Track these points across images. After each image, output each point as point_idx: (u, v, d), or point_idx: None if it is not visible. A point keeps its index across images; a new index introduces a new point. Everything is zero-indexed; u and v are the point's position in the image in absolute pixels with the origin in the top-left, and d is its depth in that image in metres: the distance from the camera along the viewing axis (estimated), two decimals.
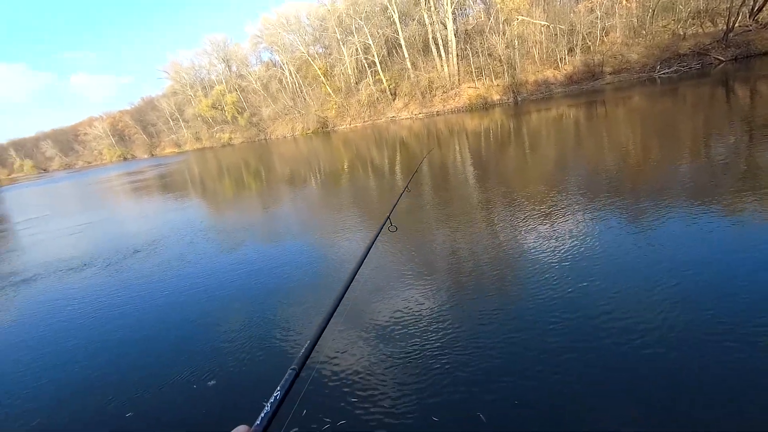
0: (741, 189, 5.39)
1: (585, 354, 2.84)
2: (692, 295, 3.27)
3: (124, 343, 4.38)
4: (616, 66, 29.18)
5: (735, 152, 7.33)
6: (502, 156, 12.09)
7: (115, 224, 11.94)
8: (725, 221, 4.55)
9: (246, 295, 5.00)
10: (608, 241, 4.54)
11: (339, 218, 7.99)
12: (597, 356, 2.81)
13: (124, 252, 7.98)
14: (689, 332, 2.86)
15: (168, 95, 71.28)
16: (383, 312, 3.90)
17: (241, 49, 60.69)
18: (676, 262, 3.83)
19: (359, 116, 42.25)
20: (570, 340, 3.01)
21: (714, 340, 2.76)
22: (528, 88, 31.51)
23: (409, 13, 38.74)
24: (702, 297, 3.23)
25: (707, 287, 3.35)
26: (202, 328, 4.38)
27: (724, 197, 5.26)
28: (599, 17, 30.25)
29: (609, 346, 2.87)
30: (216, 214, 11.53)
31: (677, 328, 2.92)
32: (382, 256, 5.31)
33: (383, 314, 3.86)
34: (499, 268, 4.47)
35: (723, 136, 8.82)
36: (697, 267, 3.67)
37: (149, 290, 5.75)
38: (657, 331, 2.93)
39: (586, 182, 7.14)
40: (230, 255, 6.82)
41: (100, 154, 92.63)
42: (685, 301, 3.21)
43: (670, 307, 3.16)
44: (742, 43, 25.65)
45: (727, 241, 4.10)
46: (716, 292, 3.26)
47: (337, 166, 16.52)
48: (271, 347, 3.72)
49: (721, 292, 3.26)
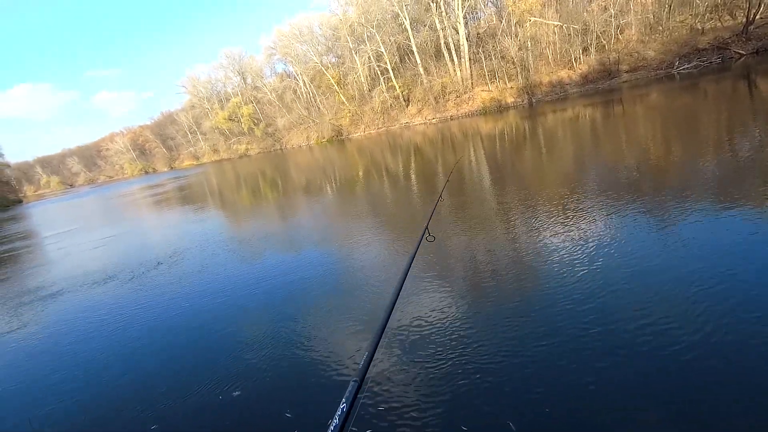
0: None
1: (619, 362, 2.77)
2: (727, 297, 3.17)
3: (149, 355, 4.44)
4: (632, 64, 28.72)
5: (760, 147, 7.12)
6: (520, 159, 11.99)
7: (138, 237, 12.23)
8: (756, 220, 4.41)
9: (270, 306, 5.04)
10: (636, 243, 4.44)
11: (358, 227, 8.02)
12: (631, 364, 2.73)
13: (147, 264, 8.13)
14: (728, 336, 2.77)
15: (186, 109, 73.02)
16: (416, 322, 3.90)
17: (256, 61, 61.88)
18: (707, 262, 3.72)
19: (373, 123, 42.49)
20: (604, 347, 2.94)
21: (755, 344, 2.67)
22: (542, 90, 31.24)
23: (421, 19, 38.90)
24: (737, 299, 3.13)
25: (741, 289, 3.25)
26: (226, 338, 4.42)
27: (752, 195, 5.09)
28: (613, 15, 29.87)
29: (645, 353, 2.79)
30: (235, 225, 11.71)
31: (717, 332, 2.83)
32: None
33: (416, 324, 3.86)
34: (527, 273, 4.42)
35: (747, 130, 8.59)
36: (731, 267, 3.56)
37: (173, 302, 5.83)
38: (695, 335, 2.84)
39: (607, 183, 7.01)
40: (252, 265, 6.90)
41: (122, 169, 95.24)
42: (720, 304, 3.11)
43: (706, 311, 3.06)
44: (764, 36, 24.95)
45: (758, 240, 3.98)
46: (752, 295, 3.16)
47: (352, 174, 16.63)
48: (294, 357, 3.72)
49: (757, 294, 3.16)
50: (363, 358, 1.03)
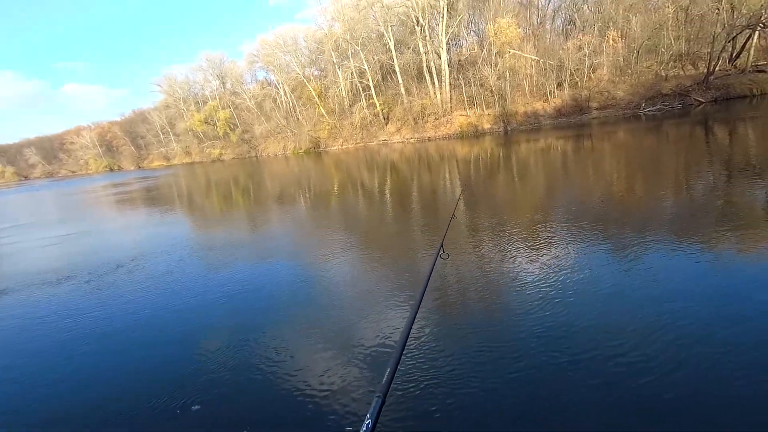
0: (719, 225, 5.63)
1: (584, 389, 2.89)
2: (678, 324, 3.36)
3: (101, 364, 4.19)
4: (602, 102, 30.24)
5: (713, 190, 7.64)
6: (494, 184, 12.32)
7: (99, 237, 11.71)
8: (705, 255, 4.73)
9: (237, 317, 4.91)
10: (603, 272, 4.64)
11: (331, 240, 7.99)
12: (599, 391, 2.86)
13: (106, 266, 7.75)
14: (681, 360, 2.94)
15: (160, 108, 71.12)
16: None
17: (237, 67, 61.31)
18: (664, 291, 3.95)
19: (351, 138, 42.69)
20: (574, 376, 3.05)
21: (704, 365, 2.84)
22: (518, 119, 32.36)
23: (405, 42, 39.77)
24: (686, 325, 3.32)
25: (689, 316, 3.45)
26: (188, 348, 4.25)
27: (703, 232, 5.47)
28: (587, 55, 31.47)
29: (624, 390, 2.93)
30: (205, 231, 11.42)
31: (675, 357, 2.99)
32: (373, 282, 5.32)
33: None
34: (496, 298, 4.53)
35: (702, 173, 9.19)
36: (681, 298, 3.79)
37: (132, 308, 5.54)
38: (650, 362, 3.00)
39: (574, 213, 7.29)
40: (221, 274, 6.72)
41: (86, 164, 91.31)
42: (674, 330, 3.30)
43: (660, 335, 3.25)
44: (722, 86, 26.91)
45: (708, 273, 4.27)
46: (698, 321, 3.36)
47: (328, 187, 16.59)
48: (259, 371, 3.63)
49: (703, 321, 3.37)
50: (386, 374, 1.04)
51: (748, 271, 4.26)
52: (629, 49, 31.27)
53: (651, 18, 31.52)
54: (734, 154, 10.92)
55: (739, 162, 9.72)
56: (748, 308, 3.56)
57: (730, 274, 4.26)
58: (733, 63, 28.74)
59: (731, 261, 4.55)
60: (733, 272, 4.28)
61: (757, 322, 3.36)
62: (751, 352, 2.99)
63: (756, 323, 3.34)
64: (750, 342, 3.10)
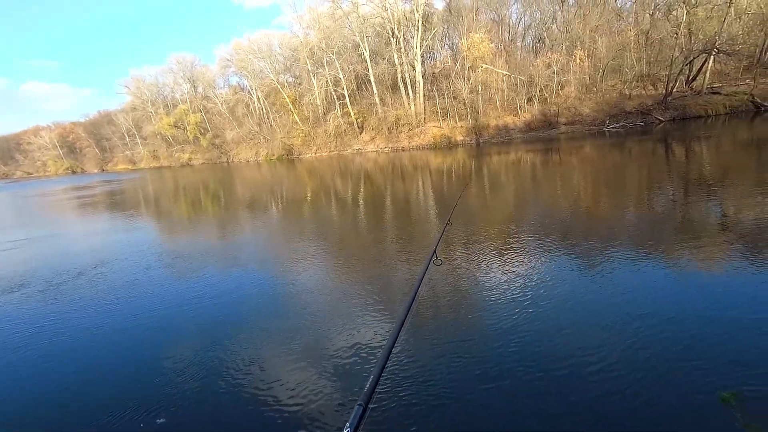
0: (678, 237, 5.90)
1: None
2: (633, 331, 3.46)
3: (57, 382, 3.93)
4: (569, 117, 31.34)
5: (673, 204, 8.01)
6: (466, 195, 12.47)
7: (58, 242, 11.10)
8: (664, 266, 4.92)
9: (205, 327, 4.72)
10: (573, 282, 4.74)
11: (303, 248, 7.86)
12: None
13: (65, 274, 7.35)
14: (629, 362, 3.02)
15: (126, 110, 68.88)
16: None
17: (209, 71, 60.26)
18: (632, 301, 4.06)
19: (325, 146, 42.52)
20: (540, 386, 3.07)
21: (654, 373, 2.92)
22: (489, 132, 33.09)
23: (380, 53, 40.15)
24: (640, 332, 3.42)
25: (648, 325, 3.56)
26: (152, 362, 4.05)
27: (663, 244, 5.70)
28: (555, 72, 32.61)
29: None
30: (170, 238, 11.03)
31: (626, 359, 3.07)
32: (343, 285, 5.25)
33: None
34: (468, 307, 4.53)
35: (663, 188, 9.62)
36: (647, 307, 3.90)
37: (92, 319, 5.25)
38: (613, 370, 3.07)
39: (543, 225, 7.46)
40: (189, 283, 6.47)
41: (44, 165, 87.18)
42: (627, 335, 3.39)
43: (616, 340, 3.33)
44: (680, 107, 28.40)
45: (667, 284, 4.43)
46: (656, 329, 3.47)
47: (301, 194, 16.38)
48: (231, 383, 3.48)
49: (661, 329, 3.47)
50: (368, 382, 0.99)
51: (704, 282, 4.45)
52: (595, 68, 32.64)
53: (615, 40, 33.09)
54: (691, 170, 11.48)
55: (696, 178, 10.23)
56: (702, 317, 3.70)
57: (689, 284, 4.43)
58: (690, 85, 30.41)
59: (689, 271, 4.75)
60: (691, 282, 4.45)
61: (700, 328, 3.48)
62: (699, 360, 3.09)
63: (699, 328, 3.46)
64: (703, 348, 3.21)
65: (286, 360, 3.77)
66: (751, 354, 3.15)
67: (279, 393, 3.27)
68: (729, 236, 5.86)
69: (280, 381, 3.44)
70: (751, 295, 4.06)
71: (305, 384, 3.35)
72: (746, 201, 7.49)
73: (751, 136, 17.61)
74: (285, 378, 3.47)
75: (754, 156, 12.65)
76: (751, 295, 4.05)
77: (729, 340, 3.35)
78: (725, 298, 4.04)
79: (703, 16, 28.24)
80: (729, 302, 3.94)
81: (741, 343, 3.31)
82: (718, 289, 4.23)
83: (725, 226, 6.44)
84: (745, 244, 5.38)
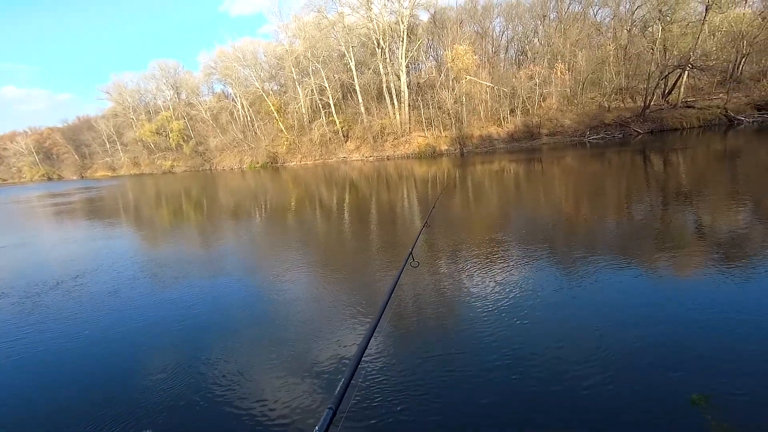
0: (657, 245, 6.04)
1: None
2: (612, 335, 3.51)
3: (33, 395, 3.82)
4: (551, 129, 31.96)
5: (652, 213, 8.21)
6: (450, 203, 12.56)
7: (35, 251, 10.80)
8: (640, 273, 5.06)
9: (189, 337, 4.65)
10: (556, 289, 4.79)
11: (287, 257, 7.80)
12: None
13: (43, 284, 7.15)
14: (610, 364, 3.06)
15: (107, 116, 67.63)
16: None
17: (193, 77, 59.72)
18: (610, 307, 4.13)
19: (310, 154, 42.41)
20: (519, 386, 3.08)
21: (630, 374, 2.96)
22: (473, 142, 33.50)
23: (366, 62, 40.41)
24: (619, 336, 3.48)
25: (623, 330, 3.63)
26: (134, 373, 3.96)
27: (640, 252, 5.84)
28: (537, 84, 33.30)
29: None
30: (151, 247, 10.82)
31: (605, 362, 3.12)
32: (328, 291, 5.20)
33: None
34: (445, 314, 4.54)
35: (641, 197, 9.85)
36: (619, 314, 3.97)
37: (72, 331, 5.11)
38: (599, 372, 3.11)
39: (526, 233, 7.55)
40: (169, 292, 6.36)
41: (19, 172, 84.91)
42: (618, 344, 3.44)
43: (590, 346, 3.39)
44: (657, 119, 29.26)
45: (645, 290, 4.51)
46: (630, 334, 3.54)
47: (285, 203, 16.27)
48: (210, 389, 3.43)
49: (635, 334, 3.54)
50: (339, 385, 0.98)
51: (679, 287, 4.56)
52: (575, 81, 33.45)
53: (594, 54, 34.04)
54: (668, 180, 11.80)
55: (673, 188, 10.52)
56: (674, 322, 3.78)
57: (663, 290, 4.53)
58: (666, 98, 31.40)
59: (665, 278, 4.87)
60: (665, 288, 4.56)
61: (673, 332, 3.56)
62: (675, 369, 3.15)
63: (672, 333, 3.54)
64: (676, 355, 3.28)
65: (263, 367, 3.73)
66: (722, 357, 3.23)
67: (253, 399, 3.24)
68: (703, 245, 6.03)
69: (255, 387, 3.40)
70: (723, 300, 4.18)
71: (280, 390, 3.34)
72: (720, 211, 7.73)
73: (724, 148, 18.22)
74: (260, 384, 3.44)
75: (727, 168, 13.08)
76: (722, 301, 4.16)
77: (700, 344, 3.44)
78: (698, 303, 4.15)
79: (677, 32, 29.27)
80: (701, 307, 4.05)
81: (712, 346, 3.40)
82: (691, 295, 4.35)
83: (700, 235, 6.62)
84: (718, 252, 5.55)
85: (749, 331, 3.55)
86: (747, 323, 3.67)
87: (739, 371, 3.05)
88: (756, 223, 6.76)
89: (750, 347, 3.33)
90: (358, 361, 1.15)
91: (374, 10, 37.59)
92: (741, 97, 28.94)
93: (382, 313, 1.52)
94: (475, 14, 41.37)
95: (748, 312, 3.86)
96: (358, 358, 1.16)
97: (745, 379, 2.95)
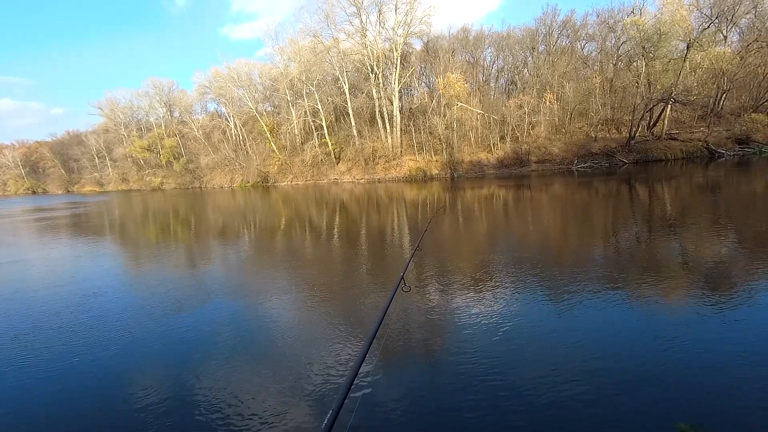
0: (639, 273, 6.10)
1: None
2: (598, 360, 3.51)
3: (21, 418, 3.69)
4: (540, 156, 32.59)
5: (637, 241, 8.34)
6: (439, 227, 12.61)
7: (14, 268, 10.52)
8: (627, 300, 5.09)
9: (174, 359, 4.53)
10: (544, 315, 4.79)
11: (273, 279, 7.71)
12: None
13: (24, 301, 6.98)
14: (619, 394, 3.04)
15: (98, 132, 67.31)
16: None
17: (187, 96, 59.99)
18: (596, 332, 4.13)
19: (302, 175, 42.50)
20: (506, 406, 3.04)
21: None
22: (464, 167, 33.96)
23: (359, 87, 41.12)
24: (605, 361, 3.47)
25: (610, 357, 3.62)
26: (119, 395, 3.85)
27: (626, 279, 5.88)
28: (527, 113, 34.12)
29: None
30: (137, 266, 10.61)
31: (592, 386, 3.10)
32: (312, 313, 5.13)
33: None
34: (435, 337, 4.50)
35: (627, 226, 10.02)
36: (606, 344, 3.98)
37: (54, 354, 5.00)
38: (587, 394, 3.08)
39: (514, 258, 7.59)
40: (159, 314, 6.22)
41: (4, 185, 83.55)
42: (595, 363, 3.43)
43: (579, 372, 3.37)
44: (642, 150, 30.06)
45: (632, 317, 4.54)
46: (618, 362, 3.53)
47: (274, 222, 16.17)
48: (194, 408, 3.32)
49: (623, 362, 3.53)
50: (331, 410, 0.96)
51: (665, 315, 4.59)
52: (564, 111, 34.37)
53: (582, 85, 35.12)
54: (654, 210, 12.03)
55: (658, 217, 10.71)
56: (661, 350, 3.79)
57: (651, 316, 4.55)
58: (651, 130, 32.34)
59: (650, 304, 4.91)
60: (654, 316, 4.58)
61: (660, 361, 3.57)
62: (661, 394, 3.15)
63: (658, 361, 3.55)
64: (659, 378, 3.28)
65: (255, 390, 3.63)
66: (709, 386, 3.25)
67: (244, 422, 3.12)
68: (688, 274, 6.12)
69: (246, 410, 3.30)
70: (710, 328, 4.21)
71: (265, 415, 3.22)
72: (703, 241, 7.87)
73: (705, 180, 18.71)
74: (251, 407, 3.34)
75: (709, 199, 13.40)
76: (709, 329, 4.19)
77: (687, 372, 3.45)
78: (683, 332, 4.17)
79: (660, 68, 30.39)
80: (687, 336, 4.08)
81: (698, 375, 3.41)
82: (677, 323, 4.38)
83: (685, 264, 6.72)
84: (703, 280, 5.62)
85: (735, 361, 3.58)
86: (733, 353, 3.70)
87: (725, 400, 3.06)
88: (738, 253, 6.89)
89: (737, 375, 3.35)
90: (349, 386, 1.14)
91: (369, 37, 38.57)
92: (722, 131, 29.96)
93: (372, 340, 1.51)
94: (466, 44, 42.60)
95: (734, 342, 3.90)
96: (349, 383, 1.15)
97: (731, 408, 2.96)
